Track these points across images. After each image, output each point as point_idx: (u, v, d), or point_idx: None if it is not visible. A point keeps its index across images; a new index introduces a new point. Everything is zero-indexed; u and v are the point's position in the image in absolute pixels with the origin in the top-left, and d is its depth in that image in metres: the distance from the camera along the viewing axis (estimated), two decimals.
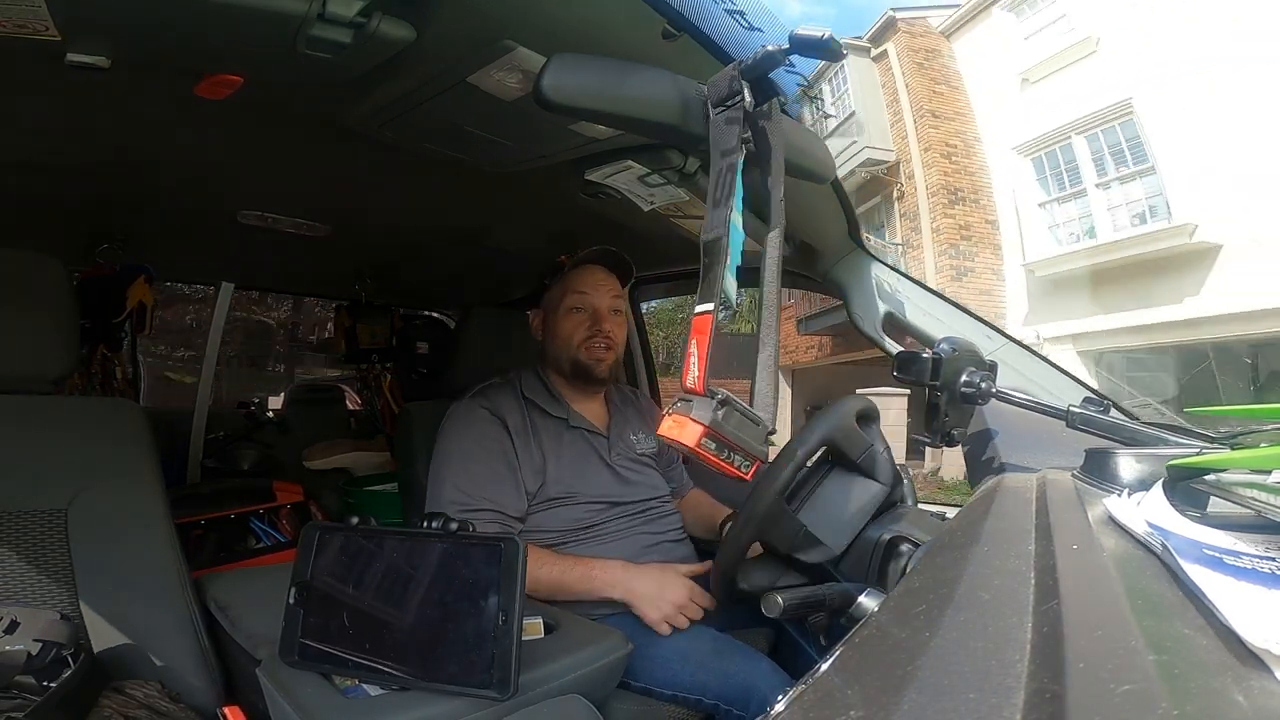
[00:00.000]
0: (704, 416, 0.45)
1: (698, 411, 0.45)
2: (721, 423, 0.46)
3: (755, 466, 0.48)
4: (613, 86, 0.48)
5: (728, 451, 0.46)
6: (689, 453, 0.46)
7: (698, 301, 0.46)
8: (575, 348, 1.25)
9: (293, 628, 0.83)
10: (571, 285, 1.27)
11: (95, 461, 0.97)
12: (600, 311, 1.26)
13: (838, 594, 0.70)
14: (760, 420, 0.47)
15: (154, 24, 0.74)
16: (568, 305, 1.26)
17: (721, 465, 0.47)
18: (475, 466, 1.14)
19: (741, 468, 0.47)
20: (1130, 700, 0.24)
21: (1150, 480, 0.53)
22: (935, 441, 0.75)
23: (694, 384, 0.46)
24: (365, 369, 2.60)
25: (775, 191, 0.50)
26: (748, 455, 0.47)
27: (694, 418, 0.45)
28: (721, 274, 0.46)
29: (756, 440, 0.47)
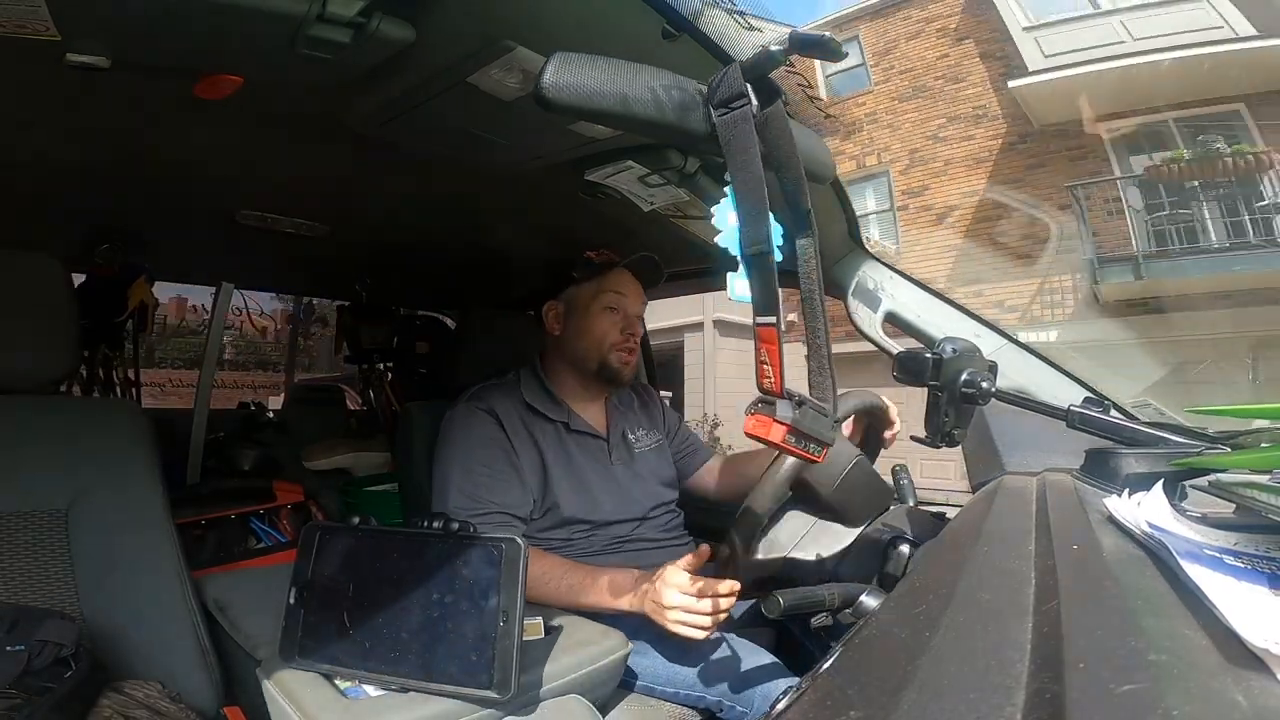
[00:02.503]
0: (786, 416, 0.51)
1: (780, 412, 0.51)
2: (799, 419, 0.52)
3: (825, 450, 0.54)
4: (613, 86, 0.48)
5: (804, 442, 0.52)
6: (774, 447, 0.52)
7: (756, 315, 0.51)
8: (607, 348, 1.22)
9: (293, 628, 0.83)
10: (610, 285, 1.24)
11: (96, 462, 0.97)
12: (631, 316, 1.25)
13: (838, 594, 0.70)
14: (828, 411, 0.53)
15: (154, 24, 0.74)
16: (604, 304, 1.23)
17: (799, 453, 0.53)
18: (479, 469, 1.13)
19: (814, 452, 0.54)
20: (1130, 700, 0.24)
21: (1150, 480, 0.53)
22: (935, 441, 0.75)
23: (771, 386, 0.52)
24: (366, 369, 2.60)
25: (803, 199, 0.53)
26: (819, 442, 0.53)
27: (778, 419, 0.51)
28: (772, 286, 0.50)
29: (825, 429, 0.53)
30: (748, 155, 0.48)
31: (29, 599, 0.86)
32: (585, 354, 1.24)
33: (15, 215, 1.38)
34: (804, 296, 0.54)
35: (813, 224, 0.53)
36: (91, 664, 0.77)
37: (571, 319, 1.25)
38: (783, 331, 0.51)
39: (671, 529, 1.27)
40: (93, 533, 0.92)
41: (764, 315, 0.51)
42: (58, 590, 0.89)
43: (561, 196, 1.23)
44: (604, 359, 1.23)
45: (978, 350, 0.75)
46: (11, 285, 0.94)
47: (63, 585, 0.89)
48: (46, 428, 0.96)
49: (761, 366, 0.52)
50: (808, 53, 0.48)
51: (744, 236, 0.49)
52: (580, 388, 1.27)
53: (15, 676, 0.70)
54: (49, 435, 0.95)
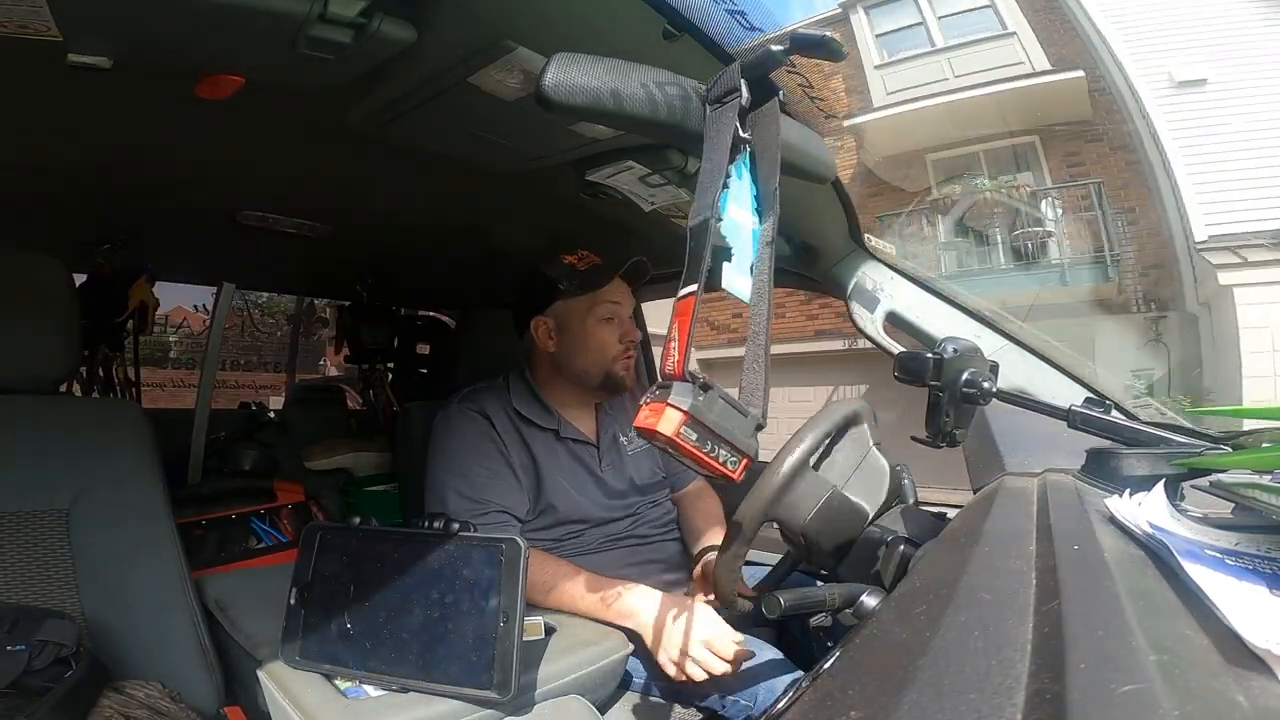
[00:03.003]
0: (683, 402, 0.42)
1: (676, 396, 0.42)
2: (703, 409, 0.42)
3: (744, 463, 0.45)
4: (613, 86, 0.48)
5: (711, 444, 0.43)
6: (667, 444, 0.43)
7: (681, 285, 0.44)
8: (611, 360, 1.20)
9: (293, 628, 0.83)
10: (604, 296, 1.20)
11: (97, 462, 0.97)
12: (626, 323, 1.23)
13: (839, 594, 0.70)
14: (748, 412, 0.45)
15: (155, 24, 0.74)
16: (600, 315, 1.19)
17: (706, 460, 0.43)
18: (478, 470, 1.13)
19: (728, 464, 0.44)
20: (1131, 701, 0.23)
21: (1152, 480, 0.53)
22: (936, 442, 0.75)
23: (673, 368, 0.43)
24: (367, 369, 2.60)
25: (770, 183, 0.49)
26: (735, 450, 0.44)
27: (672, 403, 0.42)
28: (705, 256, 0.44)
29: (744, 433, 0.44)
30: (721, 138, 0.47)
31: (30, 598, 0.87)
32: (587, 369, 1.21)
33: (17, 215, 1.38)
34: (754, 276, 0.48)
35: (774, 205, 0.49)
36: (92, 664, 0.77)
37: (566, 334, 1.21)
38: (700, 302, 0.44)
39: (664, 523, 1.27)
40: (94, 532, 0.92)
41: (687, 285, 0.44)
42: (58, 590, 0.89)
43: (562, 197, 1.23)
44: (608, 371, 1.21)
45: (979, 350, 0.75)
46: (13, 285, 0.94)
47: (63, 585, 0.89)
48: (47, 427, 0.96)
49: (668, 344, 0.44)
50: (808, 53, 0.48)
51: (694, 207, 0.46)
52: (573, 397, 1.25)
53: (16, 676, 0.70)
54: (50, 435, 0.95)
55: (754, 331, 0.46)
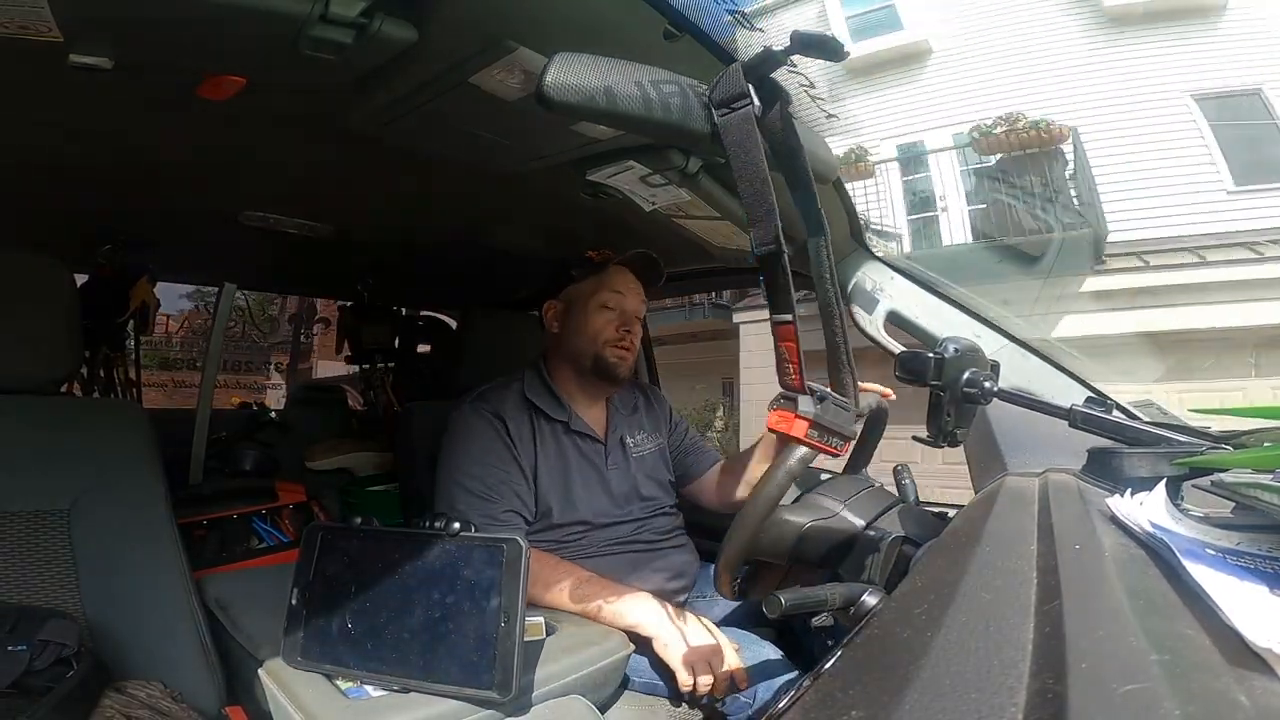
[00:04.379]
0: (808, 411, 0.52)
1: (802, 407, 0.52)
2: (821, 414, 0.52)
3: (847, 444, 0.55)
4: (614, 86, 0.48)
5: (826, 436, 0.53)
6: (797, 442, 0.53)
7: (772, 313, 0.52)
8: (601, 345, 1.23)
9: (295, 628, 0.83)
10: (608, 283, 1.25)
11: (98, 462, 0.97)
12: (629, 315, 1.25)
13: (840, 594, 0.70)
14: (849, 406, 0.54)
15: (156, 25, 0.74)
16: (600, 302, 1.24)
17: (821, 447, 0.53)
18: (491, 469, 1.14)
19: (836, 446, 0.54)
20: (1132, 700, 0.23)
21: (1153, 480, 0.53)
22: (938, 442, 0.75)
23: (792, 382, 0.52)
24: (368, 369, 2.60)
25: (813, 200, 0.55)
26: (842, 436, 0.54)
27: (799, 414, 0.52)
28: (786, 285, 0.51)
29: (848, 423, 0.53)
30: (752, 155, 0.48)
31: (31, 599, 0.87)
32: (580, 350, 1.24)
33: (18, 216, 1.38)
34: (819, 296, 0.54)
35: (824, 224, 0.54)
36: (93, 664, 0.77)
37: (569, 317, 1.26)
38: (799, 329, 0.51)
39: (669, 530, 1.27)
40: (95, 532, 0.92)
41: (780, 313, 0.52)
42: (60, 590, 0.89)
43: (563, 197, 1.23)
44: (598, 354, 1.23)
45: (979, 350, 0.75)
46: (15, 286, 0.94)
47: (65, 585, 0.89)
48: (48, 428, 0.96)
49: (782, 364, 0.53)
50: (809, 52, 0.48)
51: (754, 237, 0.49)
52: (581, 387, 1.27)
53: (17, 676, 0.70)
54: (51, 435, 0.95)
55: (837, 340, 0.54)
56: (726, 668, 0.95)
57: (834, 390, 0.54)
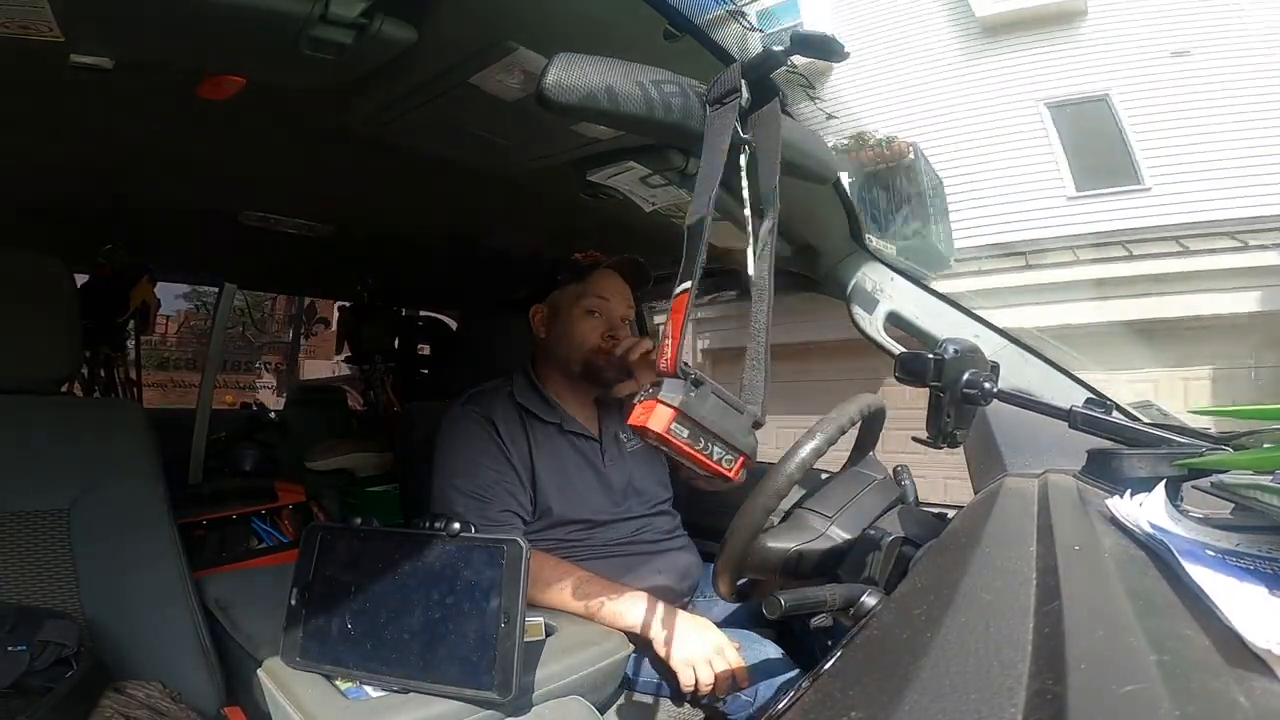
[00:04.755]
0: (673, 398, 0.42)
1: (667, 393, 0.42)
2: (694, 405, 0.42)
3: (740, 461, 0.45)
4: (614, 87, 0.48)
5: (705, 441, 0.43)
6: (659, 441, 0.43)
7: (678, 282, 0.45)
8: (590, 351, 1.22)
9: (294, 628, 0.83)
10: (593, 289, 1.24)
11: (98, 462, 0.97)
12: (615, 320, 1.25)
13: (839, 594, 0.70)
14: (744, 409, 0.44)
15: (157, 25, 0.74)
16: (585, 307, 1.23)
17: (699, 458, 0.43)
18: (484, 470, 1.14)
19: (723, 462, 0.44)
20: (1132, 701, 0.23)
21: (1152, 481, 0.53)
22: (937, 443, 0.75)
23: (666, 365, 0.43)
24: (368, 370, 2.60)
25: (769, 181, 0.50)
26: (730, 448, 0.44)
27: (662, 399, 0.42)
28: (700, 255, 0.45)
29: (740, 431, 0.44)
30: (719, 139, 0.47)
31: (30, 599, 0.87)
32: (569, 356, 1.23)
33: (19, 215, 1.38)
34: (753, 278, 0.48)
35: (775, 204, 0.49)
36: (92, 664, 0.77)
37: (555, 322, 1.25)
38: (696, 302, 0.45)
39: (670, 531, 1.27)
40: (94, 532, 0.92)
41: (683, 283, 0.45)
42: (59, 590, 0.89)
43: (563, 197, 1.23)
44: (586, 359, 1.22)
45: (979, 351, 0.75)
46: (14, 285, 0.94)
47: (64, 585, 0.89)
48: (48, 427, 0.96)
49: (663, 342, 0.44)
50: (809, 52, 0.48)
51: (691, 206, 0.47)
52: (570, 388, 1.27)
53: (16, 677, 0.70)
54: (51, 435, 0.95)
55: (755, 329, 0.46)
56: (727, 667, 0.94)
57: (741, 391, 0.46)
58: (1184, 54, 5.82)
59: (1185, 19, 5.87)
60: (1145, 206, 5.74)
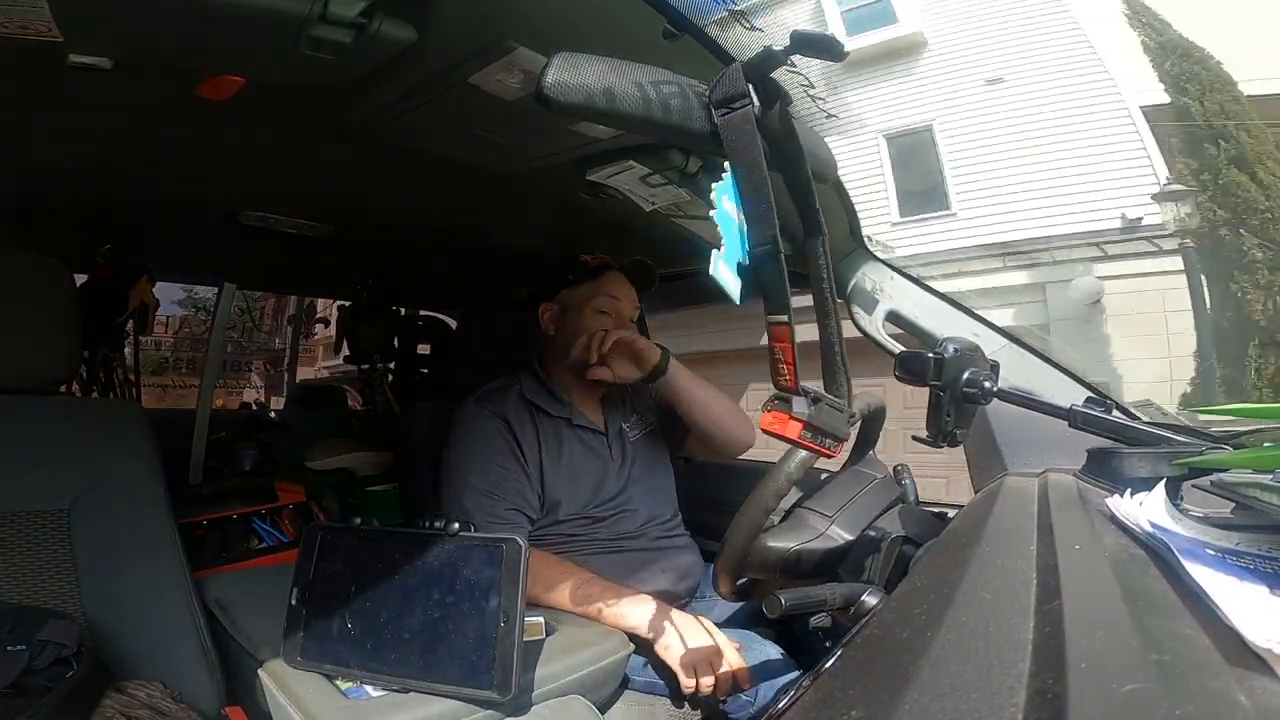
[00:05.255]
0: (803, 413, 0.51)
1: (797, 409, 0.51)
2: (814, 415, 0.51)
3: (840, 445, 0.53)
4: (614, 86, 0.48)
5: (819, 438, 0.52)
6: (791, 443, 0.52)
7: (767, 314, 0.51)
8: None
9: (295, 628, 0.83)
10: (603, 288, 1.26)
11: (97, 462, 0.97)
12: (624, 319, 1.26)
13: (839, 594, 0.70)
14: (843, 407, 0.53)
15: (156, 25, 0.74)
16: (596, 306, 1.25)
17: (814, 448, 0.52)
18: (494, 468, 1.14)
19: (830, 447, 0.53)
20: (1132, 700, 0.23)
21: (1152, 480, 0.53)
22: (937, 442, 0.75)
23: (787, 383, 0.51)
24: (367, 369, 2.60)
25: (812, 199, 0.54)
26: (835, 438, 0.53)
27: (794, 415, 0.51)
28: (782, 285, 0.50)
29: (841, 425, 0.52)
30: (751, 155, 0.48)
31: (31, 599, 0.87)
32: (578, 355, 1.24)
33: (18, 215, 1.38)
34: (815, 296, 0.54)
35: (822, 225, 0.54)
36: (93, 664, 0.77)
37: (565, 320, 1.27)
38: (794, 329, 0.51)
39: (674, 531, 1.27)
40: (95, 532, 0.92)
41: (776, 314, 0.51)
42: (59, 590, 0.89)
43: (563, 196, 1.23)
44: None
45: (979, 350, 0.75)
46: (14, 285, 0.94)
47: (64, 585, 0.89)
48: (48, 427, 0.96)
49: (777, 364, 0.52)
50: (809, 52, 0.48)
51: (752, 236, 0.49)
52: (577, 384, 1.28)
53: (16, 676, 0.70)
54: (51, 435, 0.95)
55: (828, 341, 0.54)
56: (727, 668, 0.95)
57: (828, 391, 0.54)
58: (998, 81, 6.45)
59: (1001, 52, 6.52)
60: (952, 230, 6.49)
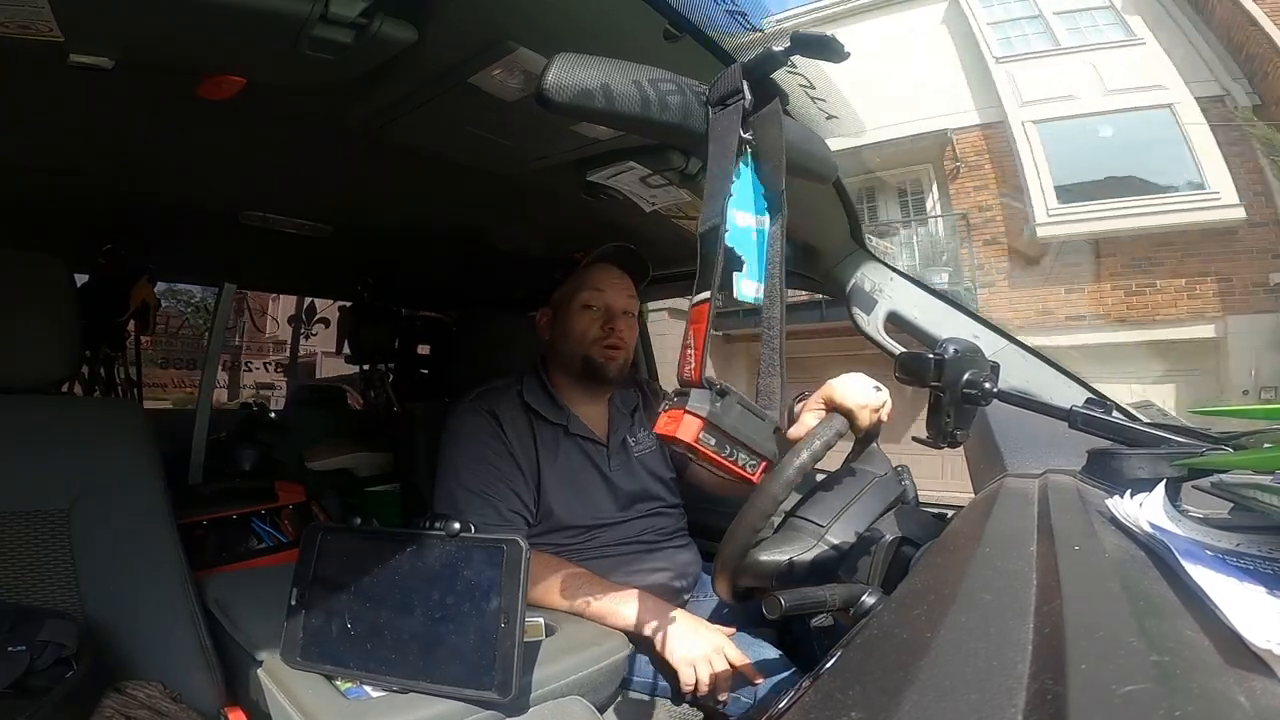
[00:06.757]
0: (701, 408, 0.43)
1: (694, 403, 0.43)
2: (721, 415, 0.43)
3: (762, 466, 0.46)
4: (614, 87, 0.48)
5: (730, 448, 0.44)
6: (686, 450, 0.44)
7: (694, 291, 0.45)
8: (588, 345, 1.22)
9: (294, 628, 0.83)
10: (587, 282, 1.24)
11: (98, 462, 0.97)
12: (614, 311, 1.23)
13: (839, 594, 0.70)
14: (765, 415, 0.45)
15: (157, 25, 0.74)
16: (581, 302, 1.23)
17: (725, 464, 0.44)
18: (487, 468, 1.14)
19: (747, 467, 0.45)
20: (1132, 701, 0.23)
21: (1152, 481, 0.53)
22: (938, 443, 0.75)
23: (690, 375, 0.43)
24: (368, 369, 2.60)
25: (776, 184, 0.50)
26: (753, 453, 0.45)
27: (690, 410, 0.43)
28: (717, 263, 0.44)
29: (762, 436, 0.45)
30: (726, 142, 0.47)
31: (31, 599, 0.87)
32: (569, 353, 1.23)
33: (18, 215, 1.38)
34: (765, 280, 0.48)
35: (783, 207, 0.49)
36: (93, 664, 0.77)
37: (557, 320, 1.26)
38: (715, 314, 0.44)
39: (673, 531, 1.27)
40: (95, 532, 0.92)
41: (700, 292, 0.45)
42: (59, 590, 0.89)
43: (563, 197, 1.23)
44: (586, 355, 1.22)
45: (979, 351, 0.75)
46: (14, 285, 0.94)
47: (64, 585, 0.89)
48: (48, 427, 0.96)
49: (685, 351, 0.44)
50: (810, 53, 0.48)
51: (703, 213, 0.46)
52: (579, 390, 1.26)
53: (17, 677, 0.70)
54: (51, 435, 0.95)
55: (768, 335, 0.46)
56: (727, 665, 0.94)
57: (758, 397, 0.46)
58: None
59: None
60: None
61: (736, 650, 0.96)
